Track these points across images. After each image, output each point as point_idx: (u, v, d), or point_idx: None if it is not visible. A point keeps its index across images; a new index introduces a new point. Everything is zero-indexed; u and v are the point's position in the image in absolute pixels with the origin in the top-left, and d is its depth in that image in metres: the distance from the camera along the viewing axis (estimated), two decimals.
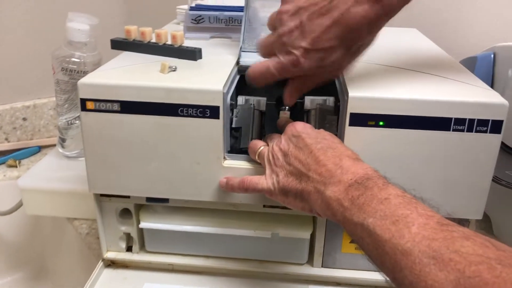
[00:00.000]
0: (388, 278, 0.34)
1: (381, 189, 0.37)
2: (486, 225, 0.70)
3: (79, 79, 0.50)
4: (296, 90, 0.51)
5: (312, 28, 0.43)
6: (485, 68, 0.67)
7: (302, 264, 0.59)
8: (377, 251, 0.34)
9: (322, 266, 0.58)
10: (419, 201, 0.36)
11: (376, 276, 0.56)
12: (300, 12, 0.44)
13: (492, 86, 0.66)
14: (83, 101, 0.49)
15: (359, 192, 0.37)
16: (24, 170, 0.89)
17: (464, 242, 0.29)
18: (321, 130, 0.47)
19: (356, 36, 0.44)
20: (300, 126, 0.47)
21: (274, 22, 0.47)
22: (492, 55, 0.67)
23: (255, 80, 0.49)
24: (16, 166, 0.92)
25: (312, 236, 0.56)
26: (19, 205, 0.77)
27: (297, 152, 0.44)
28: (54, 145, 0.86)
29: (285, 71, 0.47)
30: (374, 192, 0.37)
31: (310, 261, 0.58)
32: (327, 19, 0.42)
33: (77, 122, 0.76)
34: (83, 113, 0.50)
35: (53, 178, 0.74)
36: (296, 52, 0.44)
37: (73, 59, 0.71)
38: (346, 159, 0.41)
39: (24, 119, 0.95)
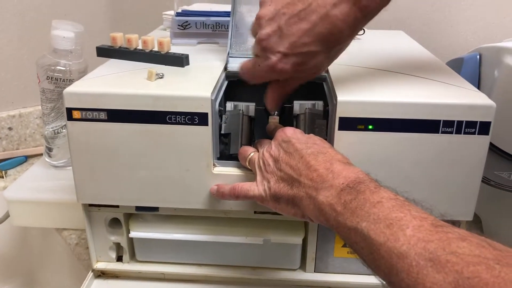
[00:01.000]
0: (384, 282, 0.33)
1: (373, 193, 0.37)
2: (476, 226, 0.70)
3: (65, 88, 0.50)
4: (276, 95, 0.51)
5: (291, 32, 0.43)
6: (471, 69, 0.68)
7: (294, 270, 0.58)
8: (372, 255, 0.34)
9: (314, 271, 0.58)
10: (412, 203, 0.35)
11: (369, 280, 0.56)
12: (278, 16, 0.43)
13: (478, 87, 0.66)
14: (69, 111, 0.49)
15: (352, 196, 0.37)
16: (11, 180, 0.88)
17: (460, 243, 0.29)
18: (311, 135, 0.47)
19: (336, 39, 0.43)
20: (290, 131, 0.47)
21: (254, 28, 0.47)
22: (478, 56, 0.68)
23: (243, 76, 0.49)
24: (3, 177, 0.90)
25: (304, 241, 0.56)
26: (6, 216, 0.76)
27: (287, 157, 0.44)
28: (41, 155, 0.85)
29: (264, 76, 0.47)
30: (367, 195, 0.37)
31: (303, 266, 0.58)
32: (306, 23, 0.42)
33: (63, 131, 0.75)
34: (70, 122, 0.49)
35: (40, 188, 0.73)
36: (274, 57, 0.44)
37: (59, 67, 0.70)
38: (337, 163, 0.41)
39: (10, 128, 0.94)
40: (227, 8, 0.67)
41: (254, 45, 0.48)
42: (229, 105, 0.56)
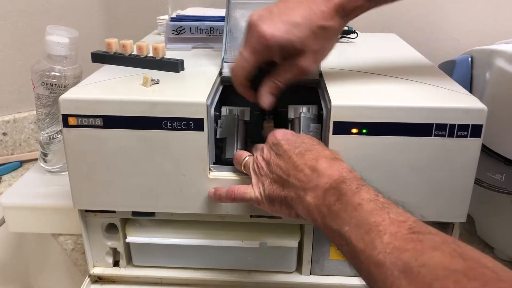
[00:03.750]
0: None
1: (354, 194, 0.37)
2: (470, 227, 0.71)
3: (60, 93, 0.50)
4: (270, 91, 0.51)
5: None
6: (463, 72, 0.69)
7: (291, 273, 0.59)
8: (354, 260, 0.34)
9: (310, 274, 0.58)
10: (392, 204, 0.36)
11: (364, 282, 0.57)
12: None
13: (470, 89, 0.67)
14: (65, 117, 0.49)
15: (335, 197, 0.38)
16: (6, 186, 0.87)
17: (433, 253, 0.29)
18: (301, 134, 0.48)
19: None
20: (279, 134, 0.47)
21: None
22: (470, 59, 0.69)
23: None
24: None
25: (300, 244, 0.57)
26: (2, 222, 0.75)
27: (277, 159, 0.45)
28: (36, 160, 0.84)
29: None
30: (348, 197, 0.37)
31: (299, 269, 0.58)
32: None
33: (59, 136, 0.75)
34: (65, 129, 0.49)
35: (36, 194, 0.73)
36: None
37: (53, 73, 0.70)
38: (322, 160, 0.42)
39: (4, 134, 0.93)
40: (221, 12, 0.68)
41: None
42: (224, 110, 0.56)
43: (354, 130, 0.47)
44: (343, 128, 0.47)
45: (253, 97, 0.51)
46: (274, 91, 0.50)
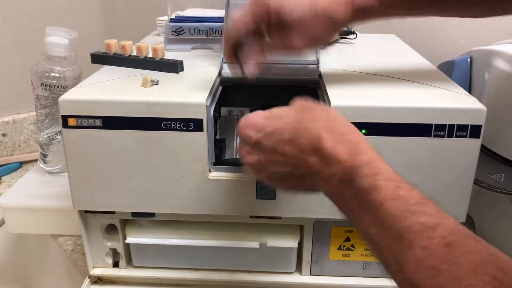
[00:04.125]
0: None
1: (373, 189, 0.34)
2: (469, 226, 0.71)
3: (59, 94, 0.50)
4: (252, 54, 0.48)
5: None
6: (462, 72, 0.69)
7: (290, 273, 0.59)
8: (384, 265, 0.33)
9: (310, 274, 0.58)
10: (417, 200, 0.33)
11: (364, 282, 0.57)
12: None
13: (469, 89, 0.67)
14: (65, 118, 0.49)
15: (352, 191, 0.35)
16: (5, 187, 0.87)
17: (473, 279, 0.27)
18: (269, 112, 0.41)
19: None
20: (251, 131, 0.40)
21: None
22: (469, 59, 0.69)
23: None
24: None
25: (300, 245, 0.57)
26: (1, 223, 0.75)
27: (271, 157, 0.40)
28: (36, 161, 0.84)
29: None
30: (366, 193, 0.34)
31: (299, 269, 0.59)
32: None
33: (58, 137, 0.75)
34: (65, 130, 0.49)
35: (35, 194, 0.73)
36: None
37: (53, 74, 0.70)
38: (322, 137, 0.37)
39: (4, 134, 0.93)
40: (221, 13, 0.68)
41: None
42: (224, 111, 0.56)
43: None
44: None
45: (235, 67, 0.49)
46: (258, 55, 0.47)
